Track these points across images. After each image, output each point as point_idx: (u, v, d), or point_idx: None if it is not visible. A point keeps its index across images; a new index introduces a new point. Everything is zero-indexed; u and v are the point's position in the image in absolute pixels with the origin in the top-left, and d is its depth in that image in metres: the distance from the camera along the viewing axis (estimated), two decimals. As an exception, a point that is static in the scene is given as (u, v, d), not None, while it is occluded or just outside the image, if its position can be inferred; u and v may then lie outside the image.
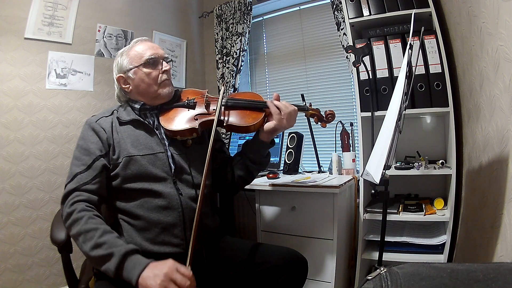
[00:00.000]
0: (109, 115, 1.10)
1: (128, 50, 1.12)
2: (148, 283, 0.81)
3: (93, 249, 0.86)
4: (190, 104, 1.14)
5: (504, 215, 0.94)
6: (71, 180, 0.96)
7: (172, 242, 1.00)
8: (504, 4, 0.91)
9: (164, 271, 0.82)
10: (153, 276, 0.82)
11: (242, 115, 1.13)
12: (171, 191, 1.02)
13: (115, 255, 0.85)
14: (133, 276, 0.83)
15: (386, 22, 1.56)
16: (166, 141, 1.09)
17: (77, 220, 0.90)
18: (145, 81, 1.09)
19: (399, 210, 1.52)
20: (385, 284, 0.44)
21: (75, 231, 0.90)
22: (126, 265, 0.85)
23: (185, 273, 0.85)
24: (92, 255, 0.86)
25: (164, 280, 0.81)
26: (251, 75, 2.68)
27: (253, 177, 1.22)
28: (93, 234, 0.88)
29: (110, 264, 0.84)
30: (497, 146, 1.02)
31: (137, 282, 0.82)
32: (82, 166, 0.98)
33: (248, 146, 1.17)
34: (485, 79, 1.09)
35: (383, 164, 0.95)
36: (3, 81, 1.68)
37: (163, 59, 1.12)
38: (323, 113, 1.29)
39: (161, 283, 0.80)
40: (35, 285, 1.75)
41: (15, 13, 1.71)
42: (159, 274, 0.82)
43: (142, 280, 0.82)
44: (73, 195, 0.94)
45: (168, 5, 2.48)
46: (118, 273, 0.84)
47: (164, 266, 0.84)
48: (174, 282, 0.82)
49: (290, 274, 1.04)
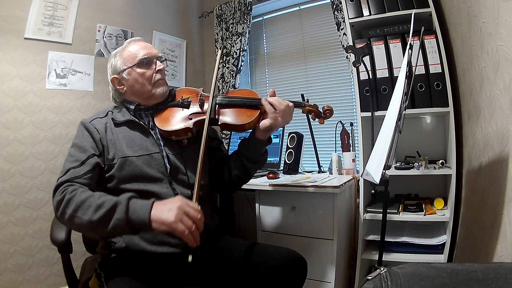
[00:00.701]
0: (104, 116, 1.10)
1: (122, 51, 1.11)
2: (163, 217, 0.83)
3: (95, 212, 0.85)
4: (184, 104, 1.13)
5: (504, 215, 0.94)
6: (64, 175, 0.95)
7: (170, 242, 0.99)
8: (504, 4, 0.91)
9: (177, 205, 0.84)
10: (167, 210, 0.84)
11: (237, 113, 1.11)
12: (167, 192, 1.02)
13: (120, 202, 0.86)
14: (144, 214, 0.84)
15: (386, 22, 1.56)
16: (161, 141, 1.09)
17: (70, 199, 0.88)
18: (139, 81, 1.08)
19: (399, 210, 1.52)
20: (385, 284, 0.44)
21: (71, 208, 0.87)
22: (134, 207, 0.86)
23: (195, 206, 0.87)
24: (96, 218, 0.85)
25: (179, 213, 0.83)
26: (251, 75, 2.68)
27: (250, 176, 1.20)
28: (90, 200, 0.87)
29: (117, 213, 0.85)
30: (497, 146, 1.02)
31: (149, 221, 0.83)
32: (76, 162, 0.97)
33: (244, 145, 1.15)
34: (485, 79, 1.09)
35: (383, 164, 0.95)
36: (3, 81, 1.68)
37: (156, 58, 1.11)
38: (321, 109, 1.26)
39: (177, 216, 0.83)
40: (35, 285, 1.75)
41: (15, 13, 1.71)
42: (173, 208, 0.84)
43: (155, 216, 0.84)
44: (64, 185, 0.92)
45: (168, 5, 2.48)
46: (128, 219, 0.84)
47: (175, 201, 0.86)
48: (186, 214, 0.84)
49: (290, 275, 1.04)
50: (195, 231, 0.84)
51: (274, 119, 1.07)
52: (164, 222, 0.83)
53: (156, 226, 0.84)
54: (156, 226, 0.84)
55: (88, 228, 0.88)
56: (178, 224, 0.82)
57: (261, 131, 1.10)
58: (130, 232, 0.87)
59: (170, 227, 0.83)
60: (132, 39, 1.15)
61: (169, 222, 0.83)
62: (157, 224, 0.84)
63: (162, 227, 0.84)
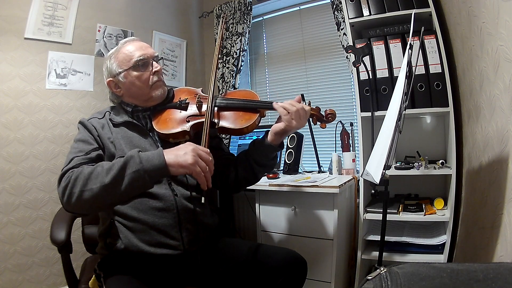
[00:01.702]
0: (101, 117, 1.09)
1: (116, 52, 1.08)
2: (181, 160, 0.86)
3: (107, 175, 0.84)
4: (182, 105, 1.11)
5: (504, 215, 0.94)
6: (68, 163, 0.92)
7: (169, 244, 0.99)
8: (504, 4, 0.91)
9: (190, 148, 0.88)
10: (183, 154, 0.87)
11: (235, 117, 1.08)
12: (166, 192, 1.01)
13: (131, 156, 0.87)
14: (159, 160, 0.86)
15: (386, 22, 1.56)
16: (159, 142, 1.07)
17: (77, 177, 0.85)
18: (136, 84, 1.06)
19: (399, 210, 1.52)
20: (385, 284, 0.44)
21: (80, 184, 0.84)
22: (146, 157, 0.87)
23: (206, 150, 0.91)
24: (109, 180, 0.83)
25: (194, 155, 0.87)
26: (251, 75, 2.68)
27: (258, 179, 1.17)
28: (98, 169, 0.86)
29: (131, 167, 0.85)
30: (497, 146, 1.02)
31: (166, 165, 0.85)
32: (80, 152, 0.96)
33: (255, 147, 1.10)
34: (485, 79, 1.09)
35: (383, 164, 0.95)
36: (3, 81, 1.68)
37: (153, 59, 1.08)
38: (323, 112, 1.19)
39: (193, 158, 0.86)
40: (35, 285, 1.75)
41: (15, 13, 1.71)
42: (188, 151, 0.87)
43: (172, 161, 0.86)
44: (69, 172, 0.89)
45: (168, 5, 2.48)
46: (144, 168, 0.85)
47: (187, 145, 0.90)
48: (200, 157, 0.88)
49: (289, 275, 1.04)
50: (208, 172, 0.88)
51: (288, 121, 1.02)
52: (182, 164, 0.86)
53: (174, 170, 0.86)
54: (174, 170, 0.86)
55: (101, 196, 0.84)
56: (195, 167, 0.86)
57: (274, 134, 1.06)
58: (149, 182, 0.86)
59: (189, 168, 0.86)
60: (127, 40, 1.11)
61: (187, 164, 0.85)
62: (174, 168, 0.86)
63: (180, 170, 0.86)
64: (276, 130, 1.05)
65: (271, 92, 2.58)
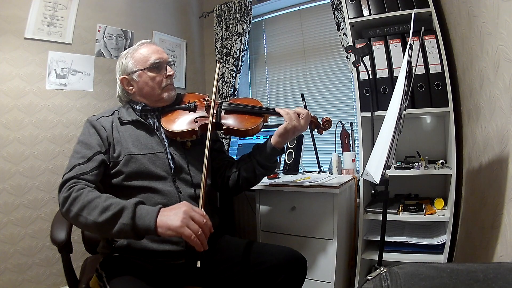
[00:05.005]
0: (110, 115, 1.12)
1: (133, 52, 1.14)
2: (169, 222, 0.84)
3: (101, 214, 0.86)
4: (191, 107, 1.17)
5: (504, 215, 0.94)
6: (70, 171, 0.96)
7: (171, 240, 1.00)
8: (504, 4, 0.91)
9: (182, 209, 0.86)
10: (173, 215, 0.85)
11: (241, 119, 1.17)
12: (171, 189, 1.04)
13: (126, 207, 0.86)
14: (150, 220, 0.85)
15: (386, 22, 1.56)
16: (166, 141, 1.12)
17: (77, 197, 0.89)
18: (149, 84, 1.11)
19: (399, 210, 1.52)
20: (385, 284, 0.44)
21: (77, 207, 0.88)
22: (140, 213, 0.86)
23: (200, 212, 0.89)
24: (102, 220, 0.85)
25: (185, 217, 0.84)
26: (251, 75, 2.68)
27: (258, 180, 1.24)
28: (97, 201, 0.88)
29: (123, 218, 0.85)
30: (497, 146, 1.02)
31: (155, 227, 0.84)
32: (82, 158, 0.99)
33: (259, 149, 1.19)
34: (485, 79, 1.09)
35: (383, 164, 0.95)
36: (3, 81, 1.68)
37: (167, 63, 1.15)
38: (320, 120, 1.31)
39: (183, 220, 0.84)
40: (35, 285, 1.75)
41: (15, 13, 1.71)
42: (178, 213, 0.85)
43: (162, 222, 0.85)
44: (70, 182, 0.93)
45: (168, 5, 2.48)
46: (134, 224, 0.85)
47: (180, 206, 0.88)
48: (192, 219, 0.85)
49: (289, 274, 1.04)
50: (201, 235, 0.85)
51: (289, 120, 1.13)
52: (170, 227, 0.84)
53: (162, 231, 0.84)
54: (162, 232, 0.84)
55: (92, 228, 0.88)
56: (184, 229, 0.83)
57: (278, 136, 1.15)
58: (134, 237, 0.87)
59: (177, 231, 0.83)
60: (144, 41, 1.18)
61: (175, 226, 0.83)
62: (163, 230, 0.84)
63: (168, 232, 0.84)
64: (280, 131, 1.14)
65: (271, 92, 2.58)
